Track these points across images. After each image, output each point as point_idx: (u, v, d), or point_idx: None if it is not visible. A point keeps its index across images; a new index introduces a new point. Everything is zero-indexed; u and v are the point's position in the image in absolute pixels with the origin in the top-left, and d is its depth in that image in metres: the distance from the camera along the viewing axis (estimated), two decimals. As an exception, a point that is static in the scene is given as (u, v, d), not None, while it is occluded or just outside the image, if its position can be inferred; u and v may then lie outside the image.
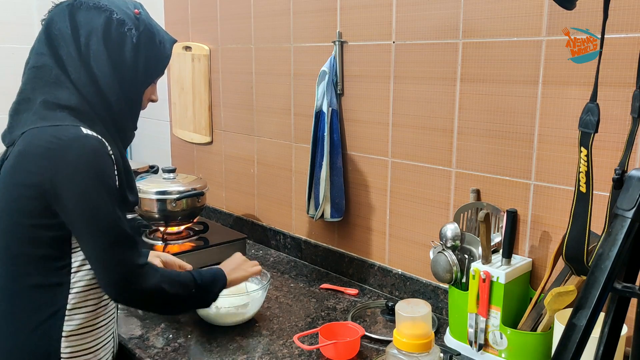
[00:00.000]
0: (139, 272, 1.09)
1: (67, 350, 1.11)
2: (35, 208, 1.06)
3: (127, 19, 1.13)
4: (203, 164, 2.39)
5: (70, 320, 1.11)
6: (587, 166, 0.85)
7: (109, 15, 1.12)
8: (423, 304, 1.03)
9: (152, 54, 1.18)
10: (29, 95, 1.11)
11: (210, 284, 1.24)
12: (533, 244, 1.34)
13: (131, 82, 1.17)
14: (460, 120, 1.44)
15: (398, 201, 1.62)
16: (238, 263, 1.40)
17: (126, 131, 1.22)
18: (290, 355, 1.31)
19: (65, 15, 1.11)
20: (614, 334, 0.77)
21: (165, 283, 1.12)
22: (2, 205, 1.10)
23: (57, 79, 1.10)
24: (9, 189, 1.09)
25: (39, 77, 1.11)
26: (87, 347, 1.14)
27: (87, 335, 1.14)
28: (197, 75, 2.31)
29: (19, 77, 1.16)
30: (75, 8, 1.11)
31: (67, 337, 1.11)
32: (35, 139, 1.06)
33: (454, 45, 1.42)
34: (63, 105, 1.09)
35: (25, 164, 1.06)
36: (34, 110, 1.09)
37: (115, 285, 1.08)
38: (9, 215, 1.09)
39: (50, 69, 1.10)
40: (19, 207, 1.07)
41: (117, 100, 1.15)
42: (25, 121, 1.09)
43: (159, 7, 2.47)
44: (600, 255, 0.72)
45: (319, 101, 1.71)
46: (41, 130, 1.06)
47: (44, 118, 1.08)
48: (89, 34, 1.11)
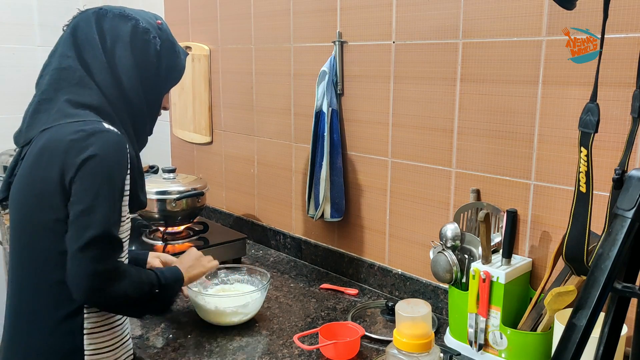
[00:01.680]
0: (106, 275, 1.05)
1: (90, 347, 1.13)
2: (57, 202, 1.07)
3: (151, 28, 1.20)
4: (203, 164, 2.39)
5: (90, 318, 1.12)
6: (587, 166, 0.85)
7: (135, 24, 1.18)
8: (423, 304, 1.03)
9: (172, 62, 1.25)
10: (51, 95, 1.14)
11: (172, 283, 1.23)
12: (533, 244, 1.34)
13: (153, 86, 1.22)
14: (460, 120, 1.44)
15: (398, 201, 1.62)
16: (194, 259, 1.40)
17: (143, 135, 1.27)
18: (290, 355, 1.31)
19: (91, 21, 1.17)
20: (614, 334, 0.77)
21: (131, 288, 1.09)
22: (24, 201, 1.11)
23: (81, 80, 1.14)
24: (32, 185, 1.10)
25: (62, 78, 1.14)
26: (107, 344, 1.16)
27: (106, 333, 1.15)
28: (197, 76, 2.31)
29: (20, 77, 1.16)
30: (101, 16, 1.18)
31: (89, 334, 1.12)
32: (58, 134, 1.08)
33: (454, 45, 1.42)
34: (86, 104, 1.13)
35: (47, 158, 1.08)
36: (57, 109, 1.12)
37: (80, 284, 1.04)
38: (30, 211, 1.10)
39: (75, 70, 1.14)
40: (41, 202, 1.08)
41: (139, 103, 1.20)
42: (47, 119, 1.12)
43: (159, 7, 2.47)
44: (600, 255, 0.72)
45: (319, 101, 1.71)
46: (64, 127, 1.09)
47: (67, 115, 1.11)
48: (115, 39, 1.17)
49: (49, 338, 1.11)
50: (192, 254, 1.42)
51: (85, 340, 1.12)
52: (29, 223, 1.11)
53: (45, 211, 1.08)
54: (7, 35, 2.54)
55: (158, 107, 1.28)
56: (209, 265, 1.43)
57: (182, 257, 1.41)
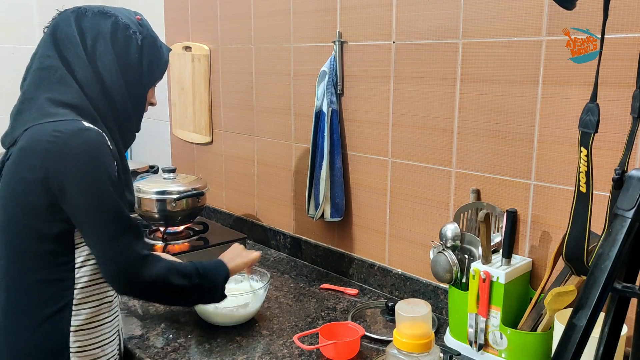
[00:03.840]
0: (143, 262, 1.10)
1: (76, 345, 1.13)
2: (40, 203, 1.07)
3: (131, 24, 1.20)
4: (203, 164, 2.39)
5: (77, 316, 1.13)
6: (587, 166, 0.85)
7: (115, 20, 1.18)
8: (423, 304, 1.03)
9: (154, 57, 1.24)
10: (32, 95, 1.13)
11: (212, 273, 1.24)
12: (533, 244, 1.34)
13: (136, 82, 1.22)
14: (460, 120, 1.44)
15: (398, 201, 1.62)
16: (237, 251, 1.41)
17: (129, 132, 1.26)
18: (290, 355, 1.31)
19: (71, 20, 1.16)
20: (614, 334, 0.77)
21: (170, 274, 1.14)
22: (7, 202, 1.12)
23: (62, 79, 1.13)
24: (13, 186, 1.10)
25: (43, 78, 1.14)
26: (94, 342, 1.16)
27: (94, 330, 1.16)
28: (197, 75, 2.31)
29: (19, 77, 1.17)
30: (80, 14, 1.17)
31: (76, 331, 1.13)
32: (37, 135, 1.08)
33: (454, 45, 1.42)
34: (66, 102, 1.12)
35: (29, 160, 1.08)
36: (37, 107, 1.11)
37: (119, 275, 1.09)
38: (13, 212, 1.11)
39: (56, 69, 1.13)
40: (23, 203, 1.09)
41: (122, 99, 1.19)
42: (28, 119, 1.11)
43: (159, 7, 2.47)
44: (600, 255, 0.72)
45: (319, 101, 1.71)
46: (43, 126, 1.08)
47: (46, 114, 1.10)
48: (96, 36, 1.16)
49: (34, 336, 1.11)
50: (235, 247, 1.43)
51: (71, 338, 1.12)
52: (13, 223, 1.11)
53: (28, 212, 1.08)
54: (7, 35, 2.55)
55: (143, 103, 1.27)
56: (252, 256, 1.42)
57: (224, 252, 1.41)
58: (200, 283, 1.20)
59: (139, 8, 2.12)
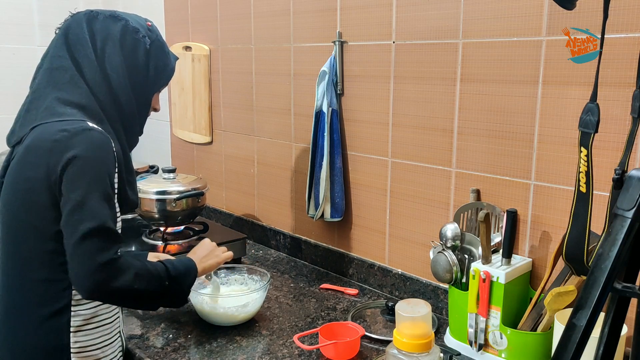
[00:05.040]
0: (106, 268, 1.04)
1: (77, 345, 1.13)
2: (43, 202, 1.07)
3: (141, 28, 1.23)
4: (203, 164, 2.39)
5: (77, 316, 1.13)
6: (587, 166, 0.85)
7: (125, 24, 1.21)
8: (423, 304, 1.03)
9: (161, 62, 1.26)
10: (41, 94, 1.15)
11: (183, 275, 1.22)
12: (533, 244, 1.34)
13: (141, 85, 1.24)
14: (460, 120, 1.44)
15: (398, 201, 1.62)
16: (208, 250, 1.39)
17: (133, 134, 1.27)
18: (290, 355, 1.31)
19: (82, 23, 1.19)
20: (614, 334, 0.77)
21: (138, 280, 1.09)
22: (11, 200, 1.12)
23: (72, 79, 1.15)
24: (17, 183, 1.11)
25: (54, 78, 1.16)
26: (94, 342, 1.16)
27: (93, 331, 1.16)
28: (197, 76, 2.31)
29: (19, 77, 1.18)
30: (92, 17, 1.20)
31: (75, 332, 1.13)
32: (43, 133, 1.09)
33: (454, 45, 1.42)
34: (74, 102, 1.14)
35: (33, 158, 1.09)
36: (45, 107, 1.13)
37: (83, 279, 1.04)
38: (17, 210, 1.11)
39: (67, 70, 1.16)
40: (27, 201, 1.09)
41: (127, 101, 1.21)
42: (35, 117, 1.13)
43: (159, 7, 2.47)
44: (600, 255, 0.72)
45: (319, 101, 1.71)
46: (49, 125, 1.10)
47: (54, 114, 1.11)
48: (106, 38, 1.19)
49: (34, 336, 1.11)
50: (206, 245, 1.42)
51: (71, 338, 1.13)
52: (16, 221, 1.12)
53: (31, 210, 1.09)
54: (7, 35, 2.55)
55: (147, 107, 1.29)
56: (224, 255, 1.41)
57: (195, 249, 1.40)
58: (169, 286, 1.17)
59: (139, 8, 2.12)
